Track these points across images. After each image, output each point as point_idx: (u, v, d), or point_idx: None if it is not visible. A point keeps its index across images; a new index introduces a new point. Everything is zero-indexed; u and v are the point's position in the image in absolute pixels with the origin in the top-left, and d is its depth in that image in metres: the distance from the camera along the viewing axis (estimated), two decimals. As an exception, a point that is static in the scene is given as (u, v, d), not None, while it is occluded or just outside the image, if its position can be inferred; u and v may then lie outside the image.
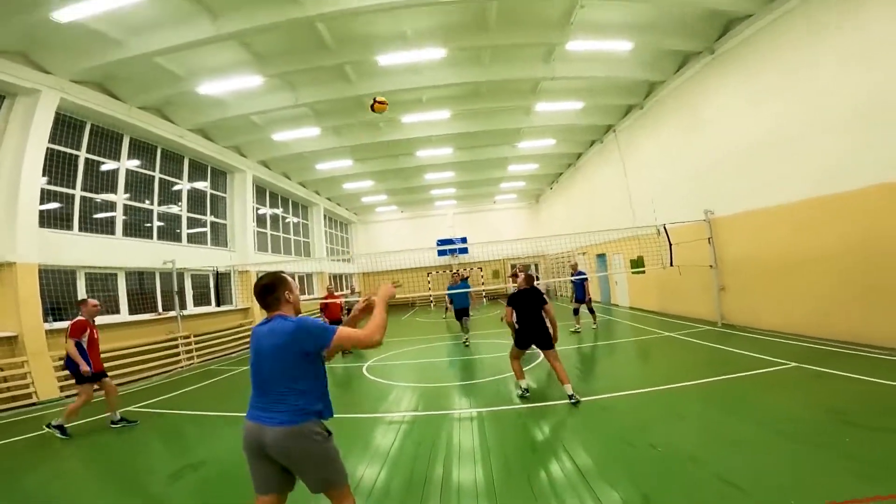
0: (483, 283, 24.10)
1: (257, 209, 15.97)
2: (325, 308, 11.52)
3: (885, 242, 6.18)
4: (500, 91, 12.29)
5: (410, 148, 16.13)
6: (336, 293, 11.89)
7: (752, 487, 2.99)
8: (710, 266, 9.87)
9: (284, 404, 2.18)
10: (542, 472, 3.59)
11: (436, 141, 15.58)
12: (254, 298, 2.55)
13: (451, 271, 11.16)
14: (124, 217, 10.12)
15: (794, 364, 5.95)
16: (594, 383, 6.37)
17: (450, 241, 24.51)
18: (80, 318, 5.69)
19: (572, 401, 5.16)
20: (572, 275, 11.50)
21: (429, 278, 23.49)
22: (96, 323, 5.85)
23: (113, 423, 5.78)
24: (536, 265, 25.92)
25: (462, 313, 10.58)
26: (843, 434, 3.67)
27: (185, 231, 12.11)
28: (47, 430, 5.49)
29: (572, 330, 10.70)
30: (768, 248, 8.35)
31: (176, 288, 10.63)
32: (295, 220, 19.60)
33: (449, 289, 11.17)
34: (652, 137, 12.59)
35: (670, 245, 10.21)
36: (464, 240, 24.40)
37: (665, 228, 10.25)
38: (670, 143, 11.56)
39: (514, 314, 5.76)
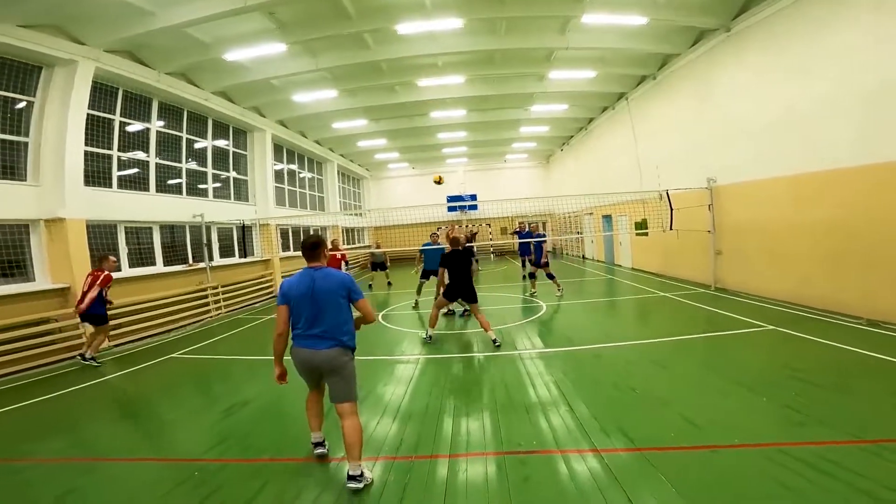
0: (491, 240, 24.76)
1: (275, 165, 16.49)
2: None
3: (874, 217, 6.61)
4: (515, 59, 12.43)
5: (424, 109, 16.35)
6: (340, 247, 12.33)
7: (707, 426, 3.73)
8: (708, 231, 10.39)
9: (332, 334, 3.21)
10: (536, 403, 4.42)
11: (450, 103, 15.74)
12: (280, 250, 4.61)
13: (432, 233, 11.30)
14: (156, 175, 10.75)
15: (771, 327, 6.66)
16: (590, 334, 7.11)
17: (460, 198, 24.99)
18: (106, 272, 7.05)
19: (496, 344, 6.44)
20: (531, 236, 11.49)
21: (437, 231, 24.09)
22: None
23: (84, 358, 7.11)
24: (544, 223, 26.40)
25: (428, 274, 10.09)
26: (792, 388, 4.38)
27: (210, 187, 12.77)
28: (83, 361, 7.03)
29: (529, 293, 11.12)
30: (764, 218, 8.82)
31: (205, 240, 11.39)
32: (310, 175, 20.11)
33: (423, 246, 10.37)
34: (663, 107, 12.80)
35: (671, 209, 10.71)
36: (473, 196, 24.88)
37: (668, 194, 10.70)
38: (680, 113, 11.80)
39: (447, 273, 7.08)
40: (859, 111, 6.75)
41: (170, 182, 11.33)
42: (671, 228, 10.73)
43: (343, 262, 11.83)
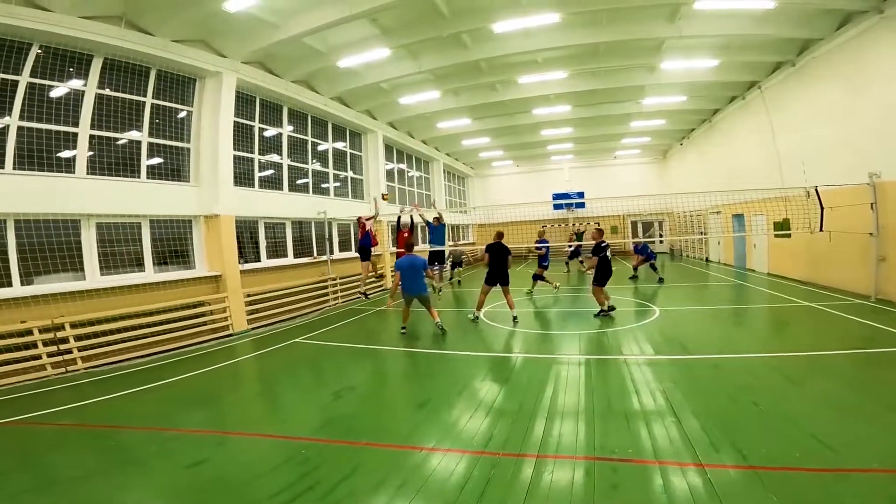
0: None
1: (386, 165, 17.60)
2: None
3: None
4: (620, 50, 11.77)
5: (527, 106, 16.14)
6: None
7: (842, 448, 3.25)
8: (870, 234, 8.74)
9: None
10: (639, 411, 4.17)
11: (553, 99, 15.39)
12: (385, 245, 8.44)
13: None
14: (288, 175, 12.18)
15: (947, 350, 5.42)
16: (709, 343, 6.51)
17: (566, 196, 24.21)
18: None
19: (515, 321, 8.28)
20: (536, 242, 13.04)
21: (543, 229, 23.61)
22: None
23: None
24: (661, 222, 24.39)
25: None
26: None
27: (331, 185, 14.11)
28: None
29: (526, 290, 12.22)
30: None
31: (327, 235, 12.60)
32: (417, 174, 21.06)
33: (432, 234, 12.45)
34: (807, 96, 11.24)
35: (822, 208, 9.20)
36: (581, 194, 23.89)
37: (817, 191, 9.22)
38: (830, 102, 10.28)
39: (488, 257, 8.78)
40: None
41: (298, 182, 12.74)
42: (821, 230, 9.20)
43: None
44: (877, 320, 7.11)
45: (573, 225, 24.64)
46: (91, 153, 7.96)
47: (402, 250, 8.49)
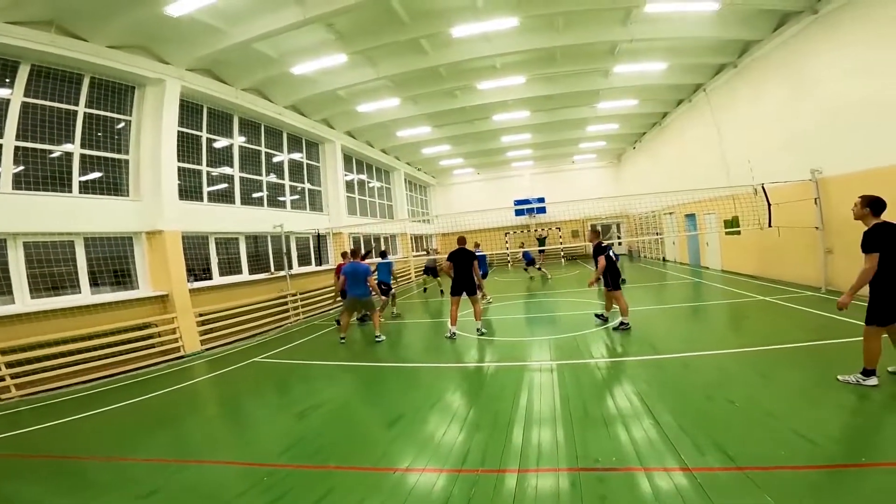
0: (561, 243, 23.91)
1: (346, 176, 17.18)
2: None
3: None
4: (576, 55, 11.97)
5: (486, 112, 16.20)
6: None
7: (826, 443, 3.19)
8: (816, 228, 9.16)
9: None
10: (616, 415, 4.03)
11: (511, 105, 15.50)
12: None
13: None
14: (240, 188, 11.57)
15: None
16: (677, 342, 6.48)
17: (526, 202, 24.50)
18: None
19: (480, 333, 7.83)
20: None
21: (506, 238, 23.83)
22: None
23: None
24: (619, 225, 25.11)
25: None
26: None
27: (287, 198, 13.53)
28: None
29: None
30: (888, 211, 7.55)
31: (284, 249, 12.04)
32: (378, 184, 20.71)
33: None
34: (749, 96, 11.74)
35: (769, 205, 9.58)
36: (541, 200, 24.27)
37: (763, 188, 9.60)
38: (771, 101, 10.76)
39: (452, 268, 8.10)
40: None
41: (253, 195, 12.14)
42: (770, 225, 9.58)
43: None
44: (830, 310, 7.36)
45: (535, 230, 24.94)
46: (17, 167, 7.25)
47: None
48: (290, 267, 12.46)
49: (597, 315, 8.44)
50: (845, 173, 8.52)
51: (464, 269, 8.03)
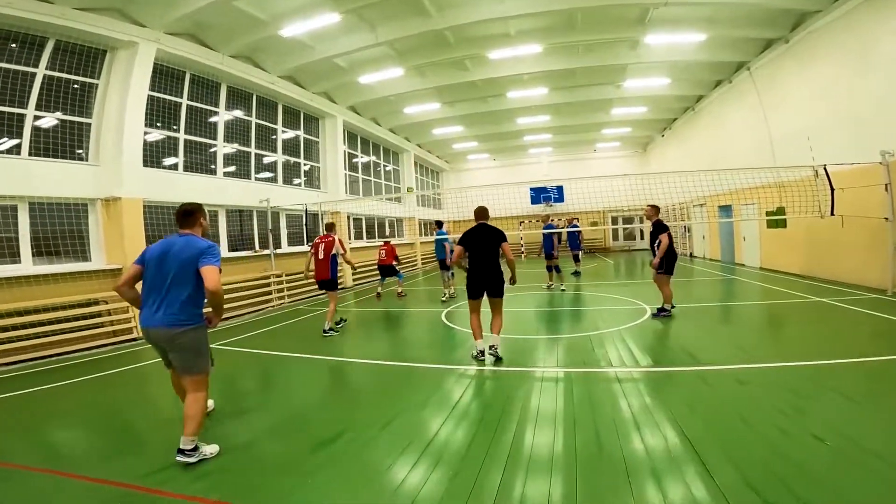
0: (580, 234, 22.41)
1: (349, 154, 16.15)
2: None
3: None
4: (601, 19, 10.52)
5: (500, 88, 14.84)
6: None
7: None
8: (886, 219, 7.64)
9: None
10: (644, 457, 2.77)
11: (528, 80, 14.12)
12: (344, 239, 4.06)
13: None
14: (224, 158, 10.57)
15: None
16: (722, 349, 5.14)
17: (543, 190, 23.06)
18: (339, 237, 7.10)
19: (491, 351, 5.00)
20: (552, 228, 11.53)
21: (520, 227, 22.49)
22: None
23: (324, 331, 6.92)
24: (642, 217, 23.42)
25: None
26: None
27: (280, 173, 12.50)
28: (325, 335, 6.88)
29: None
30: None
31: (270, 226, 11.00)
32: (386, 165, 19.59)
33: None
34: (802, 74, 10.21)
35: (832, 189, 8.08)
36: (560, 189, 22.83)
37: (826, 170, 8.10)
38: (829, 80, 9.30)
39: (462, 253, 5.19)
40: None
41: (238, 166, 11.13)
42: (832, 213, 8.06)
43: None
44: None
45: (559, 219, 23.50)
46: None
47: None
48: (278, 246, 11.44)
49: (655, 314, 7.02)
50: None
51: (484, 255, 5.10)
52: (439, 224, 11.16)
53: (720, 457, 2.65)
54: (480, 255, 5.07)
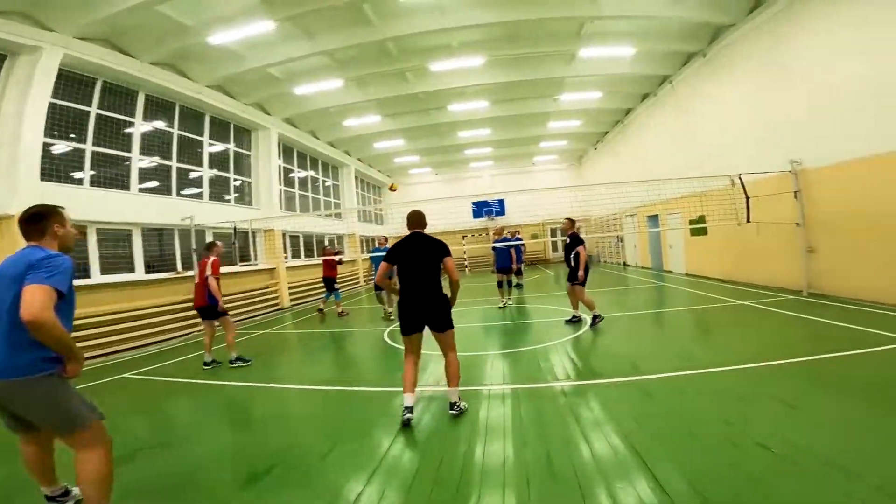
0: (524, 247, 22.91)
1: (288, 169, 15.49)
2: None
3: None
4: (540, 33, 10.83)
5: (442, 101, 14.90)
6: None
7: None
8: (797, 224, 8.31)
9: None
10: (594, 470, 2.64)
11: (469, 93, 14.29)
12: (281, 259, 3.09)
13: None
14: (141, 173, 9.67)
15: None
16: (662, 358, 5.13)
17: (486, 204, 23.37)
18: (214, 258, 6.08)
19: (452, 411, 3.71)
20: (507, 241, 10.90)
21: (464, 241, 22.60)
22: None
23: (231, 361, 6.13)
24: (579, 228, 24.31)
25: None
26: None
27: (206, 188, 11.63)
28: (232, 365, 6.07)
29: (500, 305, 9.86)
30: (875, 204, 6.77)
31: (193, 245, 10.16)
32: (325, 181, 18.98)
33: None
34: (720, 87, 10.94)
35: (747, 198, 8.67)
36: (501, 202, 23.27)
37: (741, 179, 8.71)
38: (743, 91, 10.00)
39: (388, 272, 3.91)
40: None
41: (159, 181, 10.23)
42: (748, 220, 8.65)
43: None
44: (820, 315, 6.42)
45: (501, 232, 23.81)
46: None
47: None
48: None
49: (568, 321, 7.24)
50: (830, 163, 7.69)
51: (422, 275, 3.81)
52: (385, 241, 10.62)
53: (671, 469, 2.54)
54: (415, 275, 3.78)
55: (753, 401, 3.53)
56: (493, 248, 10.44)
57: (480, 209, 24.11)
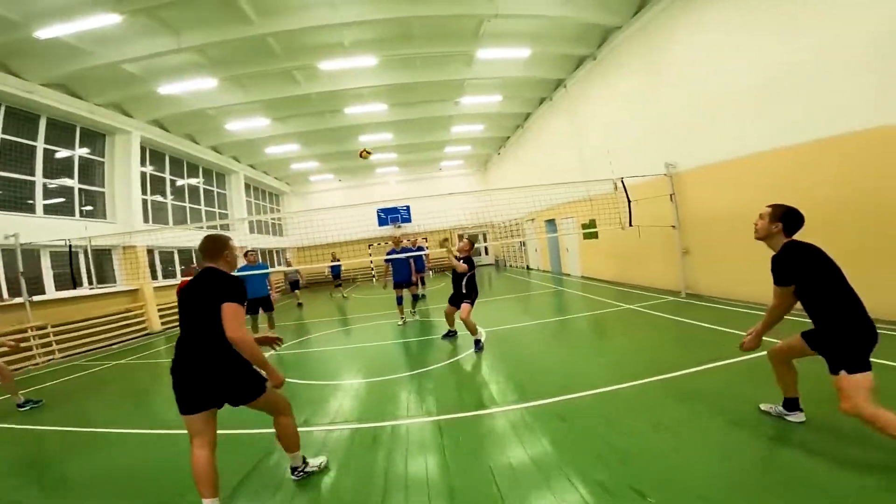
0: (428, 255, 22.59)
1: (158, 178, 13.55)
2: None
3: (884, 194, 5.17)
4: (437, 31, 10.46)
5: (338, 104, 14.07)
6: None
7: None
8: (672, 227, 8.82)
9: None
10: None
11: (367, 95, 13.63)
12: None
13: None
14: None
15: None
16: (552, 376, 4.83)
17: (393, 210, 22.80)
18: None
19: (294, 476, 3.03)
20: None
21: (370, 250, 21.84)
22: None
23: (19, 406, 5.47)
24: (485, 234, 24.78)
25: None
26: None
27: (39, 201, 9.64)
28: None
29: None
30: (739, 205, 7.25)
31: (20, 268, 8.32)
32: (210, 189, 17.06)
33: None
34: (607, 89, 11.23)
35: (629, 201, 9.06)
36: (407, 209, 22.83)
37: (623, 183, 9.07)
38: (627, 93, 10.25)
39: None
40: (868, 66, 5.23)
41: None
42: (630, 224, 9.03)
43: None
44: (695, 317, 6.69)
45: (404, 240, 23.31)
46: None
47: None
48: (40, 292, 8.81)
49: (444, 336, 7.01)
50: (698, 165, 8.19)
51: (196, 333, 2.64)
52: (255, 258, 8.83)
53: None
54: (190, 330, 2.67)
55: (631, 428, 3.34)
56: (386, 260, 9.46)
57: (387, 217, 23.46)
